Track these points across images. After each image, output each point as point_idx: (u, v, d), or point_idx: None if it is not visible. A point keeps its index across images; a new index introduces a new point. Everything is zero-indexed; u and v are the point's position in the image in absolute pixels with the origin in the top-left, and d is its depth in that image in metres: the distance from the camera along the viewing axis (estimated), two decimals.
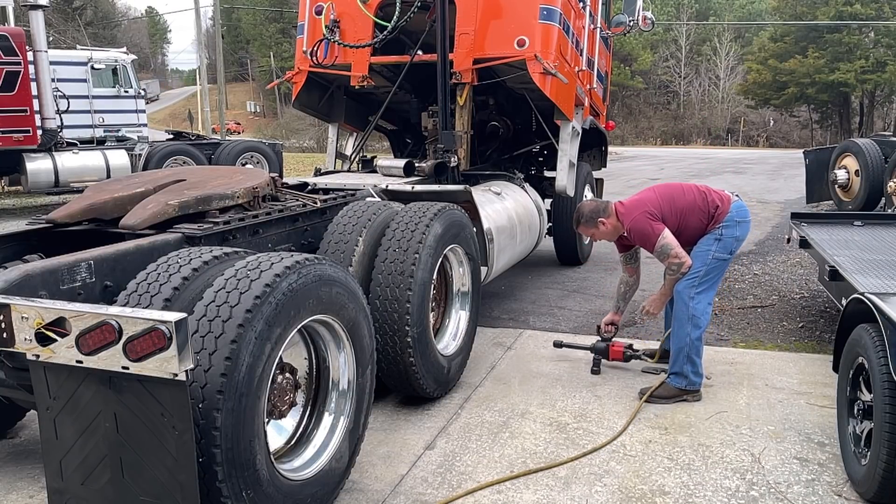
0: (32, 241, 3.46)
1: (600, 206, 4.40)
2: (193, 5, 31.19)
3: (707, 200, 4.28)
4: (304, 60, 6.61)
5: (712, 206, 4.27)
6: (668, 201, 4.26)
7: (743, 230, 4.31)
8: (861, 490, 3.14)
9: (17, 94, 12.03)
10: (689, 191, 4.33)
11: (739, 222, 4.29)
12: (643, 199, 4.30)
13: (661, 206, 4.23)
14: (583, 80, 6.94)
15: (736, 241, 4.30)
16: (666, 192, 4.34)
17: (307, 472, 2.88)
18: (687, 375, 4.20)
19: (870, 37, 47.05)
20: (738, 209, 4.30)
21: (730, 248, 4.28)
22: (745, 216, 4.33)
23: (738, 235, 4.29)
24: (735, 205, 4.30)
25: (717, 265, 4.25)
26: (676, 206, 4.24)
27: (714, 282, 4.30)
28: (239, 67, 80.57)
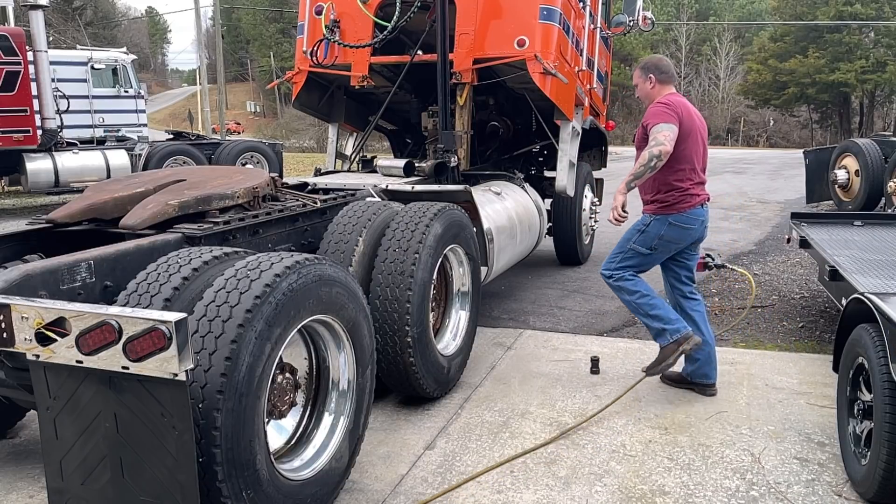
0: (32, 241, 3.46)
1: (663, 69, 4.16)
2: (193, 5, 31.19)
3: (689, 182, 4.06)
4: (304, 60, 6.61)
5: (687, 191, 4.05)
6: (689, 137, 4.01)
7: (675, 233, 4.10)
8: (861, 490, 3.14)
9: (17, 94, 12.03)
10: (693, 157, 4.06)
11: (674, 224, 4.09)
12: (682, 113, 3.98)
13: (685, 126, 3.97)
14: (583, 80, 6.93)
15: (660, 241, 4.11)
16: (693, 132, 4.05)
17: (307, 472, 2.88)
18: (663, 330, 4.10)
19: (870, 37, 47.03)
20: (689, 215, 4.08)
21: (650, 245, 4.12)
22: (688, 223, 4.10)
23: (665, 235, 4.10)
24: (694, 211, 4.09)
25: (634, 257, 4.16)
26: (687, 149, 4.01)
27: (634, 266, 4.18)
28: (239, 67, 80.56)
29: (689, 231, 4.14)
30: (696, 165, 4.12)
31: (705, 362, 4.28)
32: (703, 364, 4.28)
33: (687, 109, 4.08)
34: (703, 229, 4.22)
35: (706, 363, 4.28)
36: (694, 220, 4.12)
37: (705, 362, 4.28)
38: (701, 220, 4.16)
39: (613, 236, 4.25)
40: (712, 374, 4.30)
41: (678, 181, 4.06)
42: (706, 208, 4.20)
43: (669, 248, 4.19)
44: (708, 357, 4.27)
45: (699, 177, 4.15)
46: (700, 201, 4.14)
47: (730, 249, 9.02)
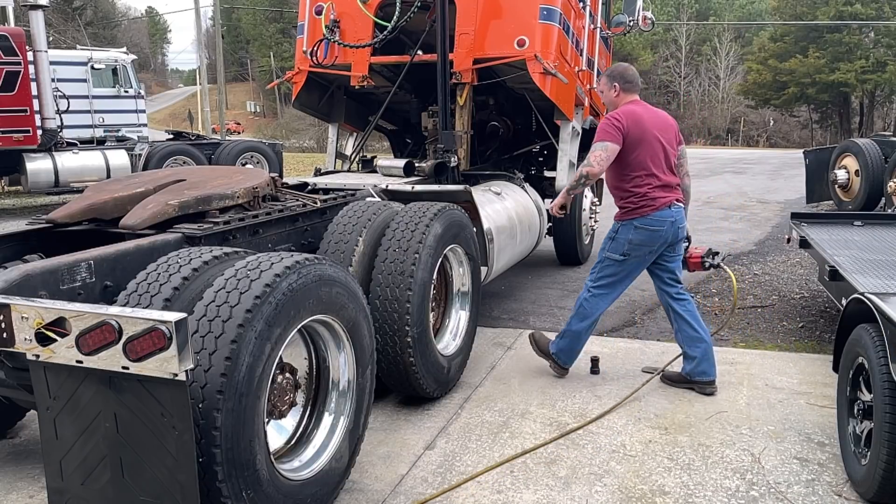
0: (32, 241, 3.45)
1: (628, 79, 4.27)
2: (193, 5, 31.20)
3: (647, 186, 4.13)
4: (304, 60, 6.61)
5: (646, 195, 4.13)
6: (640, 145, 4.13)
7: (640, 235, 4.17)
8: (861, 490, 3.14)
9: (17, 94, 12.03)
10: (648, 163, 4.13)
11: (640, 228, 4.17)
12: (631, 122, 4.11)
13: (633, 142, 4.11)
14: (583, 80, 6.93)
15: (630, 246, 4.20)
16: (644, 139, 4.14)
17: (307, 472, 2.88)
18: (560, 349, 4.50)
19: (870, 37, 47.03)
20: (653, 218, 4.14)
21: (621, 251, 4.22)
22: (654, 225, 4.15)
23: (633, 239, 4.19)
24: (659, 213, 4.14)
25: (611, 265, 4.28)
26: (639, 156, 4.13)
27: (613, 282, 4.32)
28: (239, 67, 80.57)
29: (657, 233, 4.18)
30: (654, 170, 4.17)
31: (702, 359, 4.30)
32: (701, 361, 4.30)
33: (637, 119, 4.15)
34: (675, 230, 4.23)
35: (703, 360, 4.30)
36: (660, 223, 4.17)
37: (702, 359, 4.30)
38: (670, 222, 4.19)
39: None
40: (711, 371, 4.31)
41: (635, 187, 4.18)
42: (675, 209, 4.22)
43: (642, 252, 4.24)
44: (704, 354, 4.29)
45: (660, 180, 4.18)
46: (664, 203, 4.17)
47: (730, 249, 9.02)
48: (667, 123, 4.33)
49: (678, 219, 4.23)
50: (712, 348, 4.34)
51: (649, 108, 4.32)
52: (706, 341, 4.31)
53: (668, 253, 4.34)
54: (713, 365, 4.32)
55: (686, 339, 4.36)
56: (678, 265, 4.43)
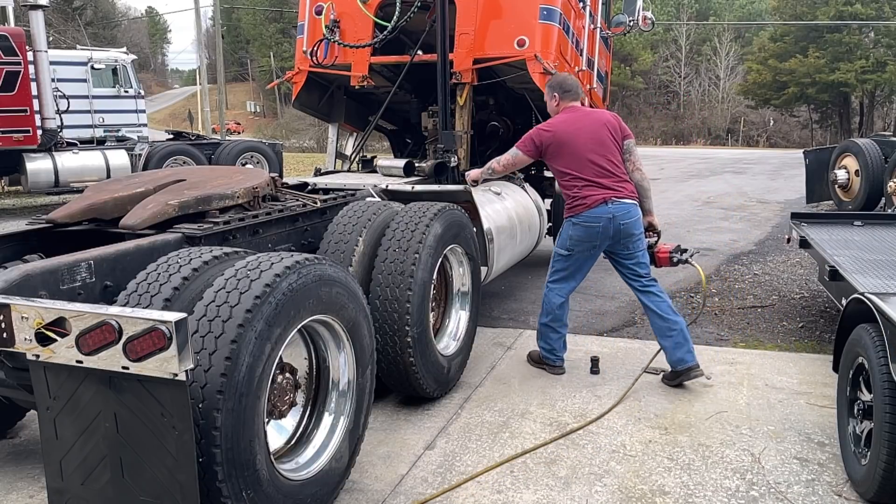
0: (32, 241, 3.45)
1: (566, 89, 4.56)
2: (193, 5, 31.20)
3: (575, 188, 4.37)
4: (304, 60, 6.60)
5: (579, 195, 4.35)
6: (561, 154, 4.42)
7: (578, 231, 4.38)
8: (861, 490, 3.14)
9: (17, 94, 12.03)
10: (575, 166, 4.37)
11: (577, 225, 4.38)
12: (549, 135, 4.45)
13: (551, 152, 4.45)
14: (583, 80, 6.92)
15: (572, 241, 4.43)
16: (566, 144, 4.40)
17: (307, 472, 2.88)
18: (543, 350, 4.66)
19: (870, 37, 47.04)
20: (588, 215, 4.32)
21: (566, 246, 4.47)
22: (589, 221, 4.33)
23: (573, 235, 4.41)
24: (592, 210, 4.30)
25: (560, 260, 4.53)
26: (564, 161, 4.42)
27: (565, 276, 4.54)
28: (239, 67, 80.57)
29: (594, 229, 4.34)
30: (581, 174, 4.37)
31: (675, 348, 4.36)
32: (675, 350, 4.36)
33: (562, 129, 4.42)
34: (615, 225, 4.33)
35: (677, 348, 4.36)
36: (595, 219, 4.32)
37: (675, 348, 4.36)
38: (607, 217, 4.31)
39: None
40: (688, 358, 4.35)
41: (566, 189, 4.45)
42: (614, 205, 4.32)
43: (584, 247, 4.43)
44: (677, 342, 4.36)
45: (588, 180, 4.35)
46: (596, 201, 4.31)
47: (730, 249, 9.03)
48: (599, 124, 4.48)
49: (619, 214, 4.33)
50: (686, 334, 4.37)
51: (582, 113, 4.55)
52: (677, 329, 4.36)
53: (619, 248, 4.46)
54: (690, 351, 4.36)
55: (657, 329, 4.46)
56: (638, 260, 4.50)
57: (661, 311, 4.41)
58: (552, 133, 4.45)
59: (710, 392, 4.36)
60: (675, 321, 4.39)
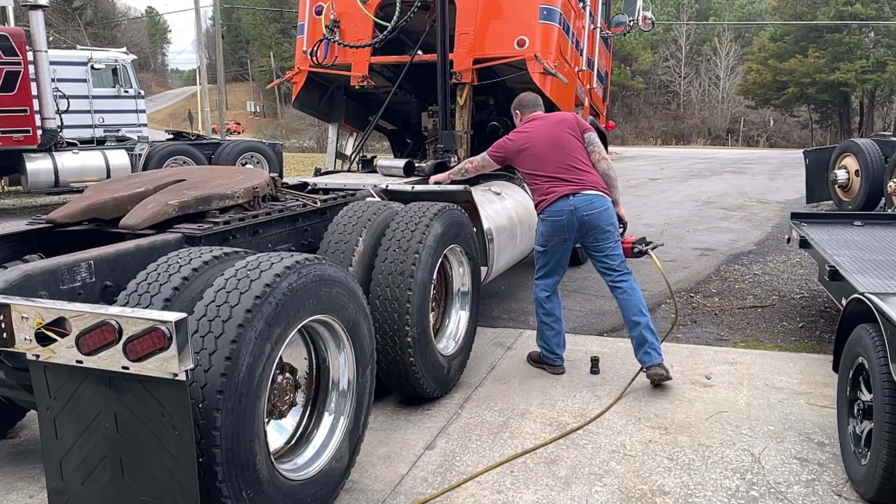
0: (32, 241, 3.46)
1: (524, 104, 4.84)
2: (193, 5, 31.20)
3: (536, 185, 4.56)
4: (304, 60, 6.61)
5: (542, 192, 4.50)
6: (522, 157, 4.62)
7: (545, 227, 4.54)
8: (861, 490, 3.14)
9: (17, 94, 12.02)
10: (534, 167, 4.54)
11: (544, 220, 4.54)
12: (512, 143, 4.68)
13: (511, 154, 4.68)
14: (583, 80, 6.94)
15: (544, 237, 4.59)
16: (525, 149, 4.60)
17: (307, 472, 2.88)
18: (542, 349, 4.75)
19: (870, 37, 47.02)
20: (551, 209, 4.46)
21: (541, 242, 4.65)
22: (553, 216, 4.46)
23: (543, 231, 4.57)
24: (554, 204, 4.44)
25: (539, 256, 4.71)
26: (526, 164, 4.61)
27: (546, 272, 4.71)
28: (239, 67, 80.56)
29: (558, 222, 4.46)
30: (542, 170, 4.53)
31: (636, 347, 4.42)
32: (636, 349, 4.43)
33: (525, 132, 4.65)
34: (578, 216, 4.41)
35: (637, 348, 4.41)
36: (558, 212, 4.45)
37: (636, 347, 4.42)
38: (569, 210, 4.41)
39: None
40: (646, 359, 4.36)
41: (532, 188, 4.67)
42: (577, 198, 4.42)
43: (554, 241, 4.57)
44: (637, 343, 4.41)
45: (549, 177, 4.50)
46: (555, 196, 4.45)
47: (730, 249, 9.03)
48: (554, 124, 4.64)
49: (581, 206, 4.41)
50: (645, 336, 4.36)
51: (541, 118, 4.73)
52: (637, 329, 4.38)
53: (589, 240, 4.52)
54: (649, 351, 4.35)
55: (626, 322, 4.51)
56: (608, 253, 4.51)
57: (625, 309, 4.48)
58: (513, 140, 4.70)
59: (710, 392, 4.36)
60: (635, 321, 4.40)
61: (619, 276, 4.50)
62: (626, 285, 4.49)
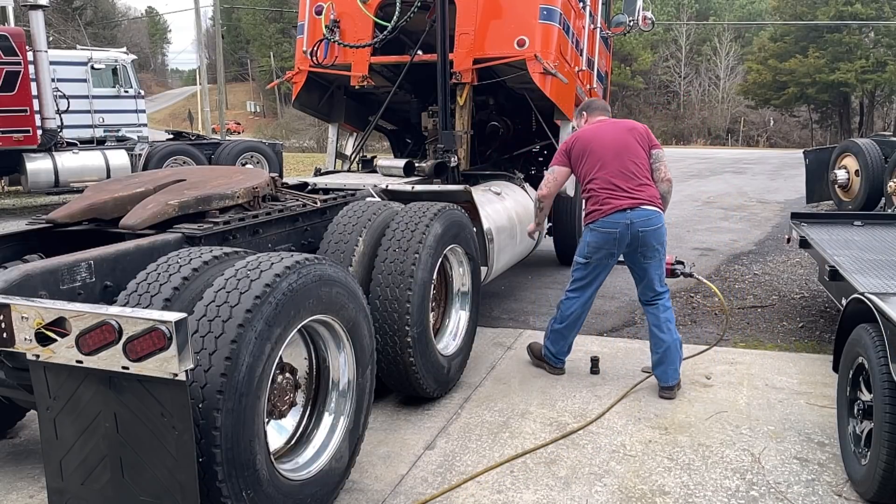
0: (32, 241, 3.45)
1: (593, 108, 4.72)
2: (193, 5, 31.20)
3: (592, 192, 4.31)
4: (304, 60, 6.60)
5: (599, 201, 4.27)
6: (582, 160, 4.40)
7: (595, 238, 4.29)
8: (861, 490, 3.14)
9: (17, 94, 12.02)
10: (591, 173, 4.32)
11: (595, 230, 4.29)
12: (576, 140, 4.47)
13: (577, 156, 4.42)
14: (583, 80, 6.93)
15: (590, 248, 4.33)
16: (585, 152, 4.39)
17: (307, 472, 2.88)
18: (548, 350, 4.65)
19: (870, 37, 47.03)
20: (606, 220, 4.22)
21: (584, 253, 4.37)
22: (607, 227, 4.23)
23: (591, 242, 4.32)
24: (611, 216, 4.21)
25: (578, 268, 4.44)
26: (584, 168, 4.38)
27: (582, 285, 4.43)
28: (239, 67, 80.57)
29: (611, 235, 4.24)
30: (602, 173, 4.28)
31: (658, 363, 4.32)
32: (657, 365, 4.33)
33: (585, 136, 4.44)
34: (633, 231, 4.20)
35: (659, 364, 4.31)
36: (613, 224, 4.22)
37: (658, 363, 4.32)
38: (625, 224, 4.19)
39: None
40: (666, 378, 4.29)
41: (586, 193, 4.40)
42: (634, 212, 4.20)
43: (601, 255, 4.32)
44: (662, 358, 4.30)
45: (609, 183, 4.25)
46: (614, 207, 4.21)
47: (730, 249, 9.03)
48: (624, 129, 4.46)
49: (638, 221, 4.21)
50: (673, 355, 4.29)
51: (609, 121, 4.57)
52: (663, 347, 4.29)
53: (636, 257, 4.31)
54: (670, 371, 4.28)
55: (651, 340, 4.40)
56: (654, 274, 4.35)
57: (655, 325, 4.36)
58: (575, 137, 4.50)
59: (710, 392, 4.36)
60: (663, 339, 4.30)
61: (657, 296, 4.38)
62: (662, 304, 4.38)
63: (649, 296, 4.41)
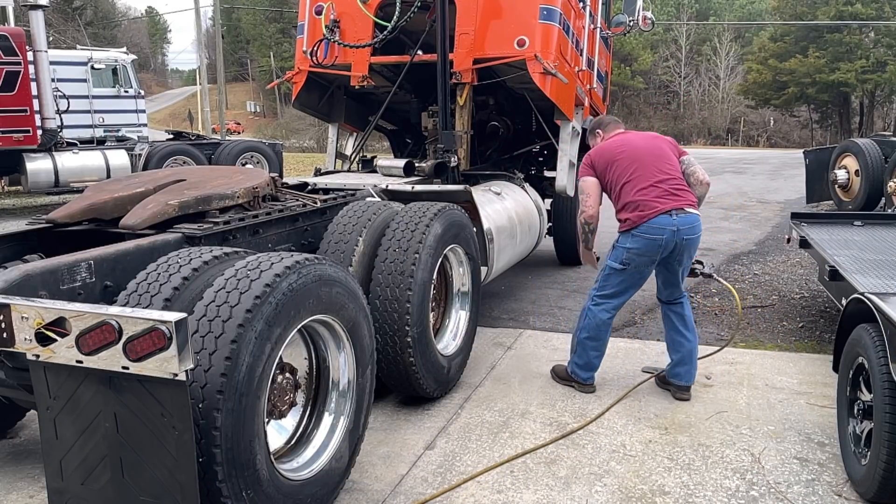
0: (32, 241, 3.45)
1: (605, 124, 4.61)
2: (193, 5, 31.19)
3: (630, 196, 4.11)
4: (304, 60, 6.61)
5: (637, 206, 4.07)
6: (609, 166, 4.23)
7: (638, 244, 4.06)
8: (861, 490, 3.14)
9: (17, 94, 12.02)
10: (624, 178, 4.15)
11: (637, 236, 4.07)
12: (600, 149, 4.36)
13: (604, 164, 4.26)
14: (583, 80, 6.93)
15: (629, 254, 4.10)
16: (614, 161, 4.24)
17: (307, 472, 2.88)
18: (576, 366, 4.40)
19: (870, 37, 47.04)
20: (650, 225, 4.02)
21: (621, 259, 4.14)
22: (651, 232, 4.03)
23: (630, 247, 4.09)
24: (655, 220, 4.02)
25: (613, 274, 4.21)
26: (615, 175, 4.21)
27: (615, 292, 4.23)
28: (239, 67, 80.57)
29: (655, 241, 4.05)
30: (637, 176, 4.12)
31: (679, 363, 4.29)
32: (677, 364, 4.30)
33: (606, 146, 4.34)
34: (678, 240, 4.07)
35: (679, 364, 4.29)
36: (659, 230, 4.03)
37: (679, 363, 4.29)
38: (672, 230, 4.03)
39: (613, 236, 4.28)
40: (685, 377, 4.27)
41: (624, 200, 4.15)
42: (675, 218, 4.05)
43: (642, 261, 4.12)
44: (682, 359, 4.27)
45: (645, 188, 4.09)
46: (658, 210, 4.04)
47: (730, 249, 9.03)
48: (652, 137, 4.43)
49: (683, 228, 4.07)
50: (693, 355, 4.28)
51: (631, 133, 4.49)
52: (691, 345, 4.28)
53: (672, 262, 4.19)
54: (690, 372, 4.27)
55: (670, 341, 4.36)
56: (682, 277, 4.31)
57: (673, 328, 4.31)
58: (597, 149, 4.37)
59: (710, 392, 4.36)
60: (688, 339, 4.26)
61: (682, 297, 4.34)
62: (682, 306, 4.34)
63: (675, 296, 4.34)
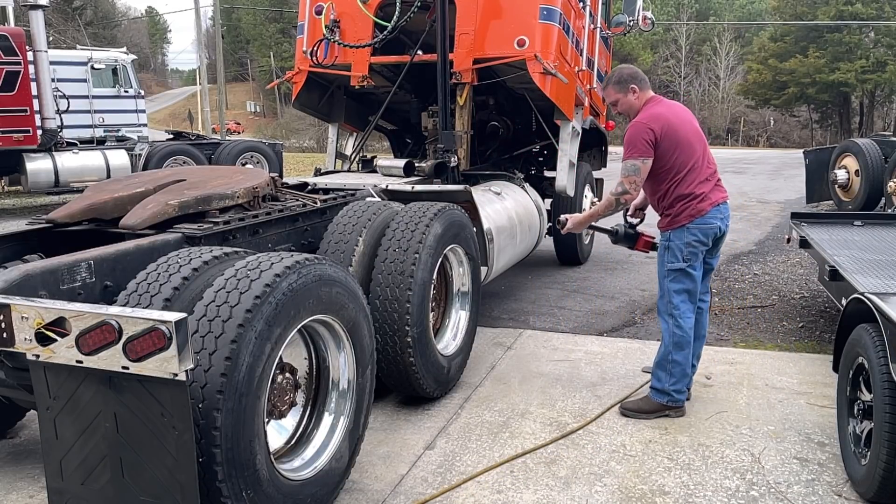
0: (32, 241, 3.45)
1: (640, 77, 3.97)
2: (193, 5, 31.20)
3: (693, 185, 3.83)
4: (304, 60, 6.61)
5: (697, 197, 3.83)
6: (677, 147, 3.80)
7: (696, 236, 3.86)
8: (861, 490, 3.14)
9: (17, 94, 12.03)
10: (691, 161, 3.83)
11: (693, 228, 3.85)
12: (664, 122, 3.80)
13: (671, 144, 3.80)
14: (583, 80, 6.94)
15: (688, 247, 3.86)
16: (680, 141, 3.82)
17: (307, 472, 2.88)
18: (665, 391, 3.96)
19: (870, 37, 47.04)
20: (708, 216, 3.84)
21: (681, 256, 3.88)
22: (708, 222, 3.85)
23: (690, 240, 3.86)
24: (713, 210, 3.85)
25: (680, 274, 3.91)
26: (681, 157, 3.81)
27: (692, 289, 3.94)
28: (239, 67, 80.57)
29: (711, 231, 3.88)
30: (698, 164, 3.86)
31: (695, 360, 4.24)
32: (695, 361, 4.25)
33: (669, 118, 3.84)
34: (723, 231, 3.95)
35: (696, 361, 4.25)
36: (713, 220, 3.88)
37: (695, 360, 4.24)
38: (721, 219, 3.90)
39: None
40: None
41: (681, 187, 3.86)
42: (722, 207, 3.92)
43: (699, 251, 3.91)
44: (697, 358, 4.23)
45: (702, 179, 3.86)
46: (713, 203, 3.87)
47: (730, 249, 9.02)
48: (692, 116, 4.09)
49: (726, 218, 3.97)
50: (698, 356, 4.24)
51: (674, 105, 4.07)
52: (701, 346, 4.25)
53: (716, 251, 4.09)
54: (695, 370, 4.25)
55: None
56: (710, 270, 4.15)
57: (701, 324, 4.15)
58: (663, 121, 3.80)
59: (710, 392, 4.35)
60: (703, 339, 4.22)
61: (706, 293, 4.21)
62: (706, 303, 4.21)
63: (705, 288, 4.19)
